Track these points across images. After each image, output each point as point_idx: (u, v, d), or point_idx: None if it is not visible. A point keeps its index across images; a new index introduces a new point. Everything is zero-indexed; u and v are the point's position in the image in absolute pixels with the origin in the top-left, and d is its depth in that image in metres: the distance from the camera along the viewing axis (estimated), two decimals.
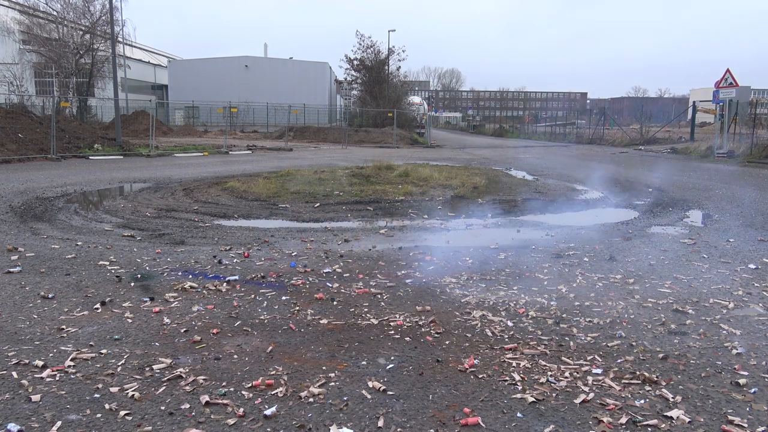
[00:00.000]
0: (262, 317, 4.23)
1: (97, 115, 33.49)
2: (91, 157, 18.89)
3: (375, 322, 4.15)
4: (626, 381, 3.23)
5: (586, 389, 3.12)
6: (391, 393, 3.06)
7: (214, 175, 14.48)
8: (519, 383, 3.18)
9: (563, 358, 3.55)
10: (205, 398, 2.94)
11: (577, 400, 2.99)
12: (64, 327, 3.93)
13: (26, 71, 30.94)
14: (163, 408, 2.86)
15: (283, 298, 4.69)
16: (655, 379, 3.24)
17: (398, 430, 2.69)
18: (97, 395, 2.98)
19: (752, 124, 22.20)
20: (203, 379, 3.17)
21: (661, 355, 3.59)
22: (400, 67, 54.58)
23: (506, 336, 3.91)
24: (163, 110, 45.67)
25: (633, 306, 4.57)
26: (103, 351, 3.53)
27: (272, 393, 3.03)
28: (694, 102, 34.63)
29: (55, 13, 29.37)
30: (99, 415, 2.77)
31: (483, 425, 2.74)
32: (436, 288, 5.00)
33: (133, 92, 43.08)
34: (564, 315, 4.34)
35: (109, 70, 28.56)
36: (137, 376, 3.20)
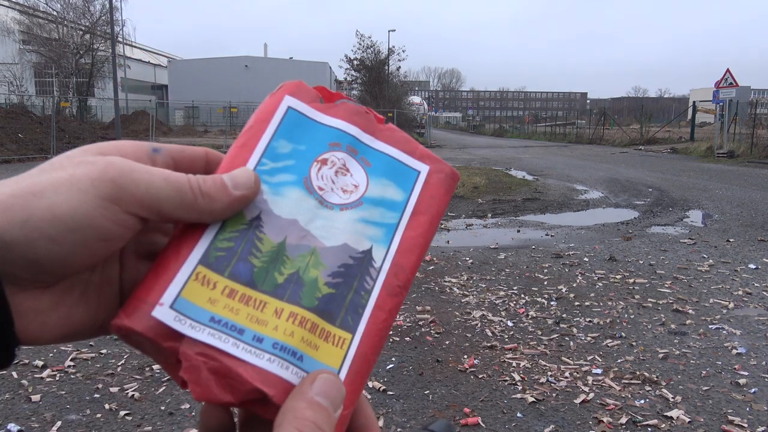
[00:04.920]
0: None
1: (97, 115, 33.49)
2: None
3: None
4: (626, 381, 3.23)
5: (586, 389, 3.12)
6: (391, 393, 3.06)
7: None
8: (519, 383, 3.18)
9: (563, 358, 3.55)
10: None
11: (577, 400, 2.99)
12: None
13: (26, 71, 30.96)
14: (163, 408, 2.86)
15: None
16: (655, 379, 3.24)
17: (398, 430, 2.69)
18: (97, 395, 2.98)
19: (752, 124, 22.18)
20: None
21: (661, 355, 3.59)
22: (400, 67, 54.48)
23: (506, 336, 3.91)
24: (163, 110, 45.66)
25: (633, 306, 4.57)
26: (103, 351, 3.53)
27: None
28: (694, 102, 34.61)
29: (55, 13, 29.40)
30: (99, 415, 2.77)
31: (483, 425, 2.74)
32: (436, 288, 5.01)
33: (133, 92, 43.08)
34: (564, 315, 4.34)
35: (109, 70, 28.59)
36: (137, 376, 3.20)
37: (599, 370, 3.36)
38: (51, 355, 3.47)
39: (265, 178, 0.39)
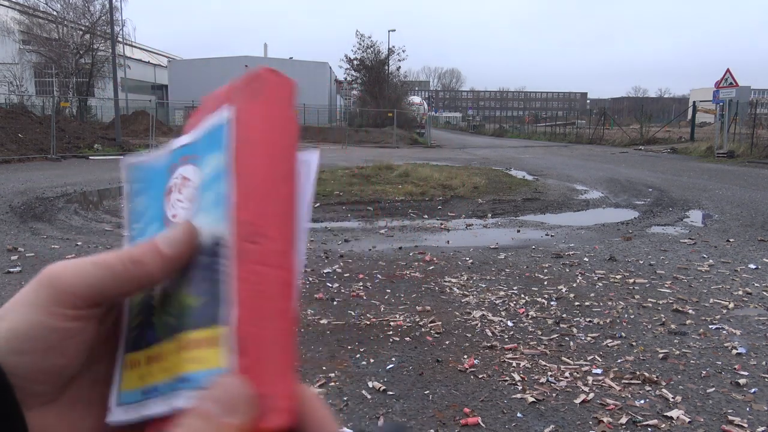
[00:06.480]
0: None
1: (97, 115, 33.49)
2: (90, 157, 18.89)
3: (375, 321, 4.15)
4: (626, 381, 3.23)
5: (586, 389, 3.12)
6: (391, 393, 3.06)
7: None
8: (519, 383, 3.18)
9: (563, 358, 3.55)
10: None
11: (577, 400, 2.99)
12: None
13: (26, 71, 30.97)
14: None
15: None
16: (655, 379, 3.24)
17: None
18: None
19: (752, 124, 22.18)
20: None
21: (661, 355, 3.59)
22: (400, 67, 54.50)
23: (506, 336, 3.91)
24: (163, 110, 45.64)
25: (633, 306, 4.57)
26: None
27: None
28: (694, 102, 34.59)
29: (55, 13, 29.41)
30: None
31: (483, 425, 2.74)
32: (436, 288, 5.01)
33: (133, 92, 43.05)
34: (564, 315, 4.34)
35: (109, 70, 28.56)
36: None
37: (599, 370, 3.36)
38: None
39: (140, 241, 0.39)
